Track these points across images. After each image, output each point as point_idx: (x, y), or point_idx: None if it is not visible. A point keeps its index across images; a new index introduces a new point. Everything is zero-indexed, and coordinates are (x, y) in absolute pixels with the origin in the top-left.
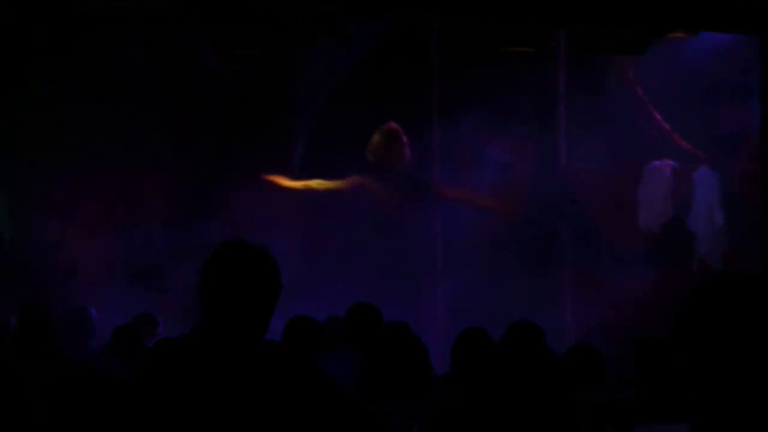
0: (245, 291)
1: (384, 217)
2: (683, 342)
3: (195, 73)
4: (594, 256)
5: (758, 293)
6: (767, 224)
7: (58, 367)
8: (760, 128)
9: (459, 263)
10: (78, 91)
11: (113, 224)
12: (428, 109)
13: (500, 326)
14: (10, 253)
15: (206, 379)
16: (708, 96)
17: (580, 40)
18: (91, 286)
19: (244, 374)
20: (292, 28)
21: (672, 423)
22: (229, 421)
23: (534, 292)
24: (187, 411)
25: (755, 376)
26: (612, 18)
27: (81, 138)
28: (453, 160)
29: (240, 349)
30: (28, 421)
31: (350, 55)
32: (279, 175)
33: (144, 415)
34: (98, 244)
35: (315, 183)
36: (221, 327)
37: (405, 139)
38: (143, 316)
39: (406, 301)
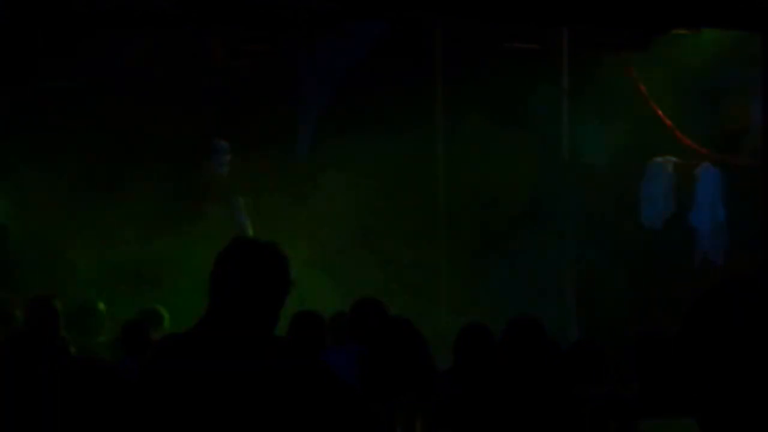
0: (254, 287)
1: None
2: (692, 342)
3: (199, 69)
4: (596, 252)
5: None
6: None
7: (66, 362)
8: (762, 124)
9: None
10: (81, 87)
11: (114, 218)
12: (431, 104)
13: (502, 322)
14: (13, 246)
15: (212, 375)
16: (710, 92)
17: (583, 37)
18: (92, 281)
19: (250, 369)
20: (294, 27)
21: (674, 419)
22: (234, 416)
23: (536, 287)
24: (193, 406)
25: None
26: (615, 16)
27: (83, 134)
28: (457, 156)
29: (246, 343)
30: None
31: (353, 51)
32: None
33: (150, 409)
34: (99, 239)
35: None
36: (229, 322)
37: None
38: (149, 311)
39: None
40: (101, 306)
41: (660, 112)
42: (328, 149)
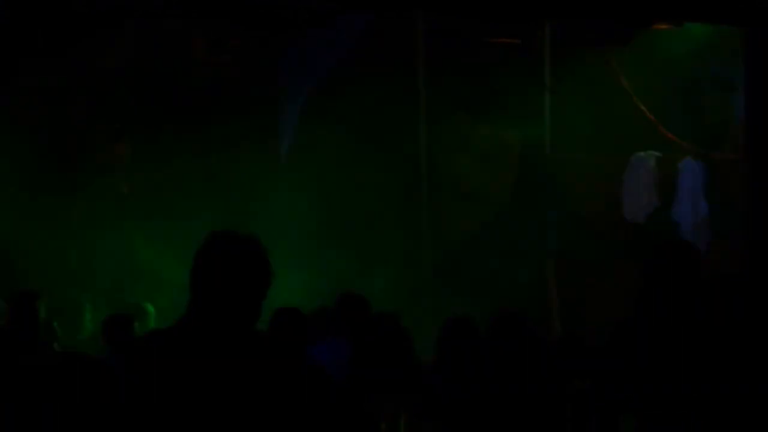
0: (235, 280)
1: None
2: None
3: (183, 63)
4: (578, 246)
5: (748, 292)
6: (751, 215)
7: (49, 356)
8: (745, 119)
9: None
10: (69, 83)
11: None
12: (415, 99)
13: (485, 315)
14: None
15: (196, 369)
16: (692, 87)
17: (565, 31)
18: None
19: (234, 364)
20: (277, 21)
21: (657, 412)
22: (218, 410)
23: (520, 281)
24: (176, 401)
25: (746, 372)
26: (597, 10)
27: (73, 129)
28: (438, 149)
29: (230, 338)
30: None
31: (337, 45)
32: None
33: (136, 408)
34: (91, 235)
35: None
36: (212, 316)
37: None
38: (134, 306)
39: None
40: (86, 302)
41: (642, 107)
42: (310, 142)
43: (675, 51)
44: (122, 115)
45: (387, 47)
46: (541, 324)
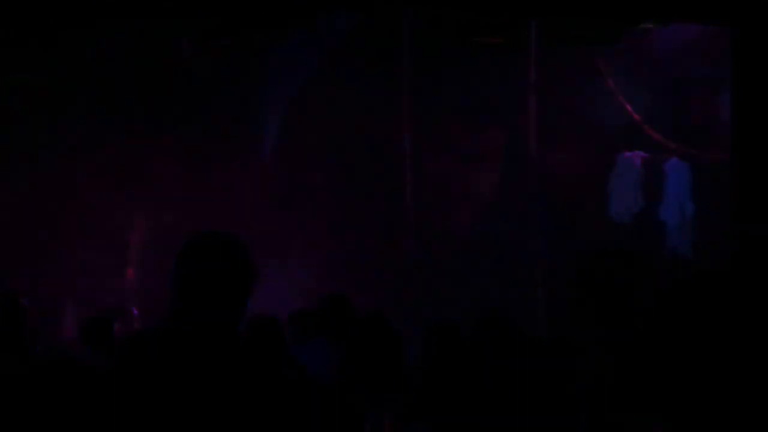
0: (218, 281)
1: None
2: (660, 335)
3: (170, 63)
4: (565, 247)
5: (732, 289)
6: (737, 215)
7: (31, 358)
8: (731, 119)
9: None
10: (55, 80)
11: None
12: (400, 99)
13: (471, 317)
14: None
15: (181, 370)
16: (679, 87)
17: (551, 30)
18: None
19: (219, 365)
20: (268, 21)
21: (645, 411)
22: (203, 412)
23: (505, 282)
24: (161, 403)
25: (732, 369)
26: (584, 8)
27: (60, 125)
28: (423, 150)
29: (213, 341)
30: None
31: (322, 45)
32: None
33: (118, 406)
34: (78, 232)
35: None
36: (195, 318)
37: None
38: (116, 308)
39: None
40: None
41: (628, 107)
42: (293, 142)
43: (662, 50)
44: (106, 114)
45: (372, 47)
46: (527, 325)
